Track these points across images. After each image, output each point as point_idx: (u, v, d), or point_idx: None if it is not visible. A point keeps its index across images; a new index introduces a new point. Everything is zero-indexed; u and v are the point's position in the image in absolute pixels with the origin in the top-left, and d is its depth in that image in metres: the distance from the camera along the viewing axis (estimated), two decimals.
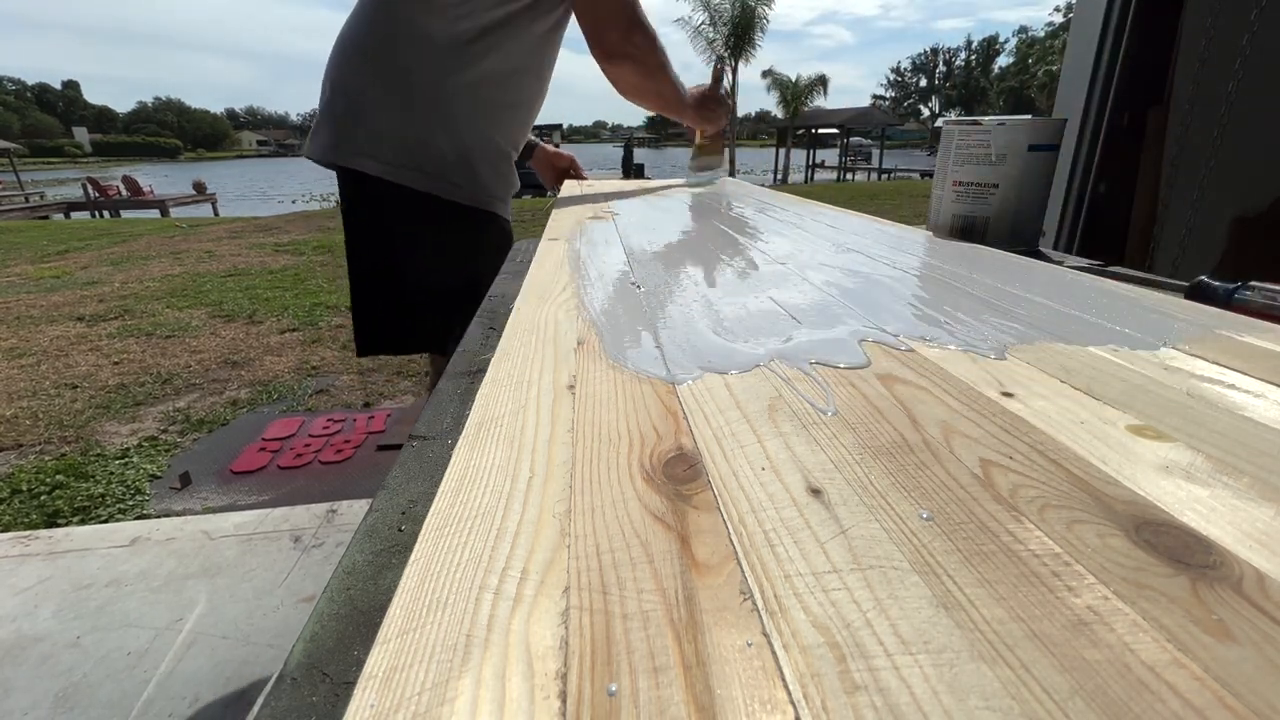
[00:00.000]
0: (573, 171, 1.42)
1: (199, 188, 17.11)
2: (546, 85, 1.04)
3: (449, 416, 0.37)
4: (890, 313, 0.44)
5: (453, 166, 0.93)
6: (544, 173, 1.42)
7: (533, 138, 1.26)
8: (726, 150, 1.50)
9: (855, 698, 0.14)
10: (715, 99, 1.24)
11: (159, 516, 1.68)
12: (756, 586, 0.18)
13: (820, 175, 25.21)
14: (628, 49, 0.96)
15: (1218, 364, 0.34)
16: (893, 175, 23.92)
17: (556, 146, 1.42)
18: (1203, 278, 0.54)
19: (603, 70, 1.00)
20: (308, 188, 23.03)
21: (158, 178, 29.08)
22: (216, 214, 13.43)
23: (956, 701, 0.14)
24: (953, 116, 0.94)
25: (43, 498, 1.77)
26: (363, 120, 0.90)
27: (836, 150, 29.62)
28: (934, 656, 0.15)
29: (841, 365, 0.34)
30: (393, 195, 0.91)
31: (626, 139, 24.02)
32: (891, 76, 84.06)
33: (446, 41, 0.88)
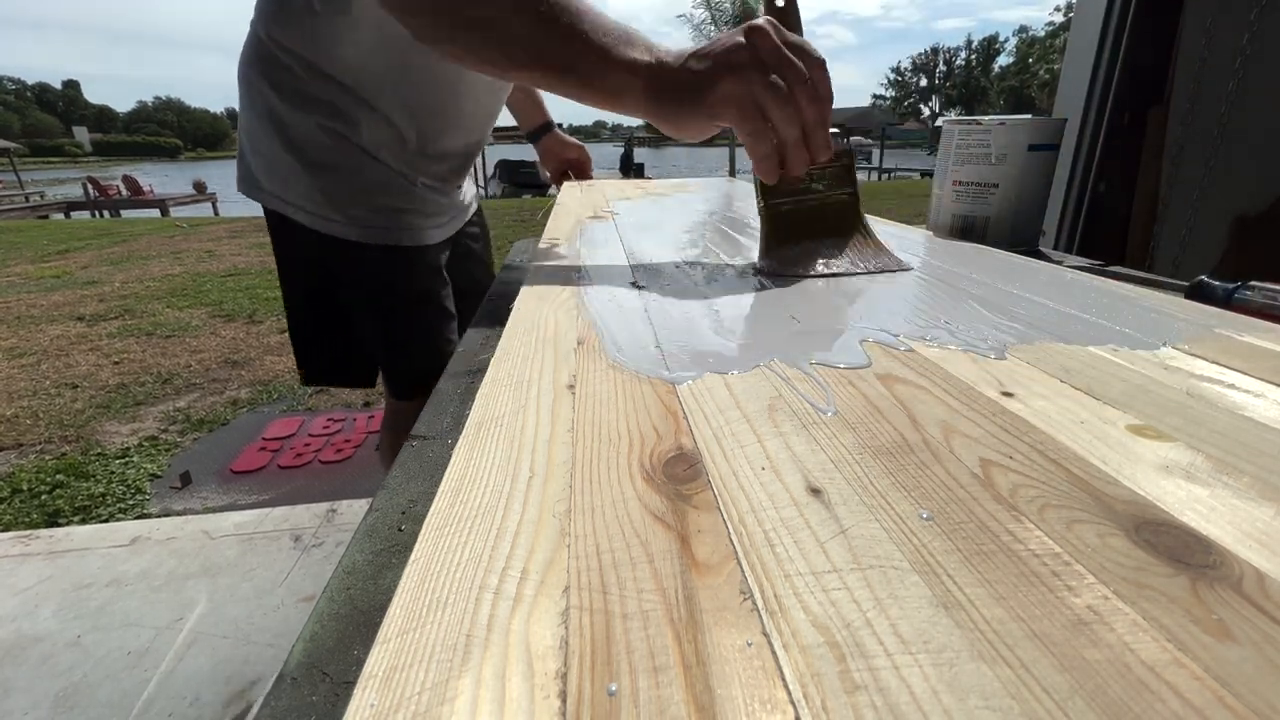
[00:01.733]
0: (577, 168, 1.27)
1: (199, 187, 17.08)
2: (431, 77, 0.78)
3: (449, 416, 0.37)
4: (890, 312, 0.44)
5: (317, 191, 0.78)
6: (546, 160, 1.26)
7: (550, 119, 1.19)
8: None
9: (855, 697, 0.14)
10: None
11: (159, 516, 1.68)
12: (756, 586, 0.18)
13: None
14: None
15: (1218, 364, 0.34)
16: (893, 175, 23.89)
17: None
18: (1203, 277, 0.54)
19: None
20: None
21: (158, 177, 29.07)
22: (217, 213, 13.40)
23: (956, 701, 0.14)
24: (953, 116, 0.94)
25: (43, 497, 1.77)
26: (249, 151, 0.82)
27: None
28: (934, 656, 0.15)
29: (841, 365, 0.34)
30: (282, 228, 0.81)
31: (627, 138, 24.01)
32: (892, 76, 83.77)
33: (276, 38, 0.75)
